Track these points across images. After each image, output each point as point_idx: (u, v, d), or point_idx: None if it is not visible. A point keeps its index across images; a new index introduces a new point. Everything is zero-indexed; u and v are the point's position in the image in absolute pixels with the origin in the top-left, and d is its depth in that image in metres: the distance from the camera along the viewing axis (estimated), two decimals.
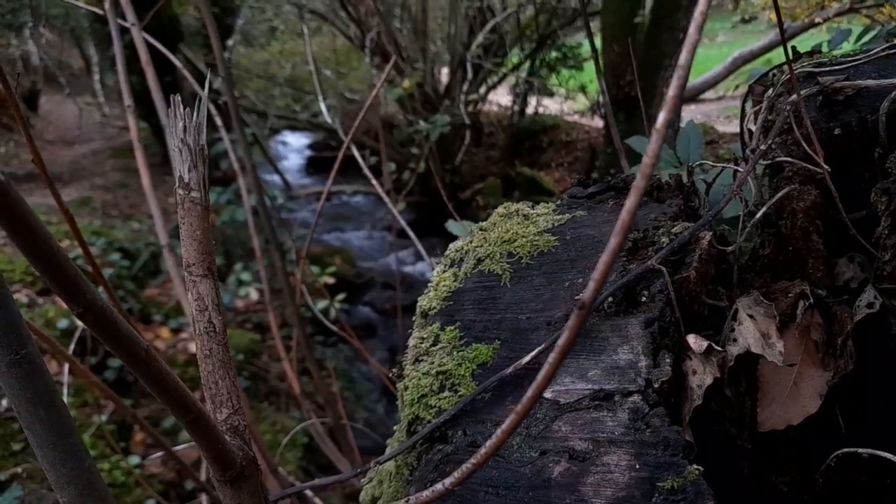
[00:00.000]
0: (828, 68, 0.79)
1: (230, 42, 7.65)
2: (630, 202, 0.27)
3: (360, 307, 6.67)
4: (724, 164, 0.76)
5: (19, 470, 2.57)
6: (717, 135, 8.10)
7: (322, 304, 4.42)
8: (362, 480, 0.71)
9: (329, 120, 2.62)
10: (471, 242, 0.77)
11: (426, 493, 0.42)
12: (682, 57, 0.26)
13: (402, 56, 7.55)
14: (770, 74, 0.87)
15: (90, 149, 9.00)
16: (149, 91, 1.40)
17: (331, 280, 5.11)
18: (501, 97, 10.73)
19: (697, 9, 0.26)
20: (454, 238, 1.62)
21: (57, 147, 8.99)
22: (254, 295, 4.69)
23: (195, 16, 8.62)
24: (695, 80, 10.22)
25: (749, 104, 0.93)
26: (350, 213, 9.27)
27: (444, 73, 9.36)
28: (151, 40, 1.26)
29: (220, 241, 5.49)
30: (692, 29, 0.26)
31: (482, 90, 9.62)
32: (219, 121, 1.64)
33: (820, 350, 0.74)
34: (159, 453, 1.07)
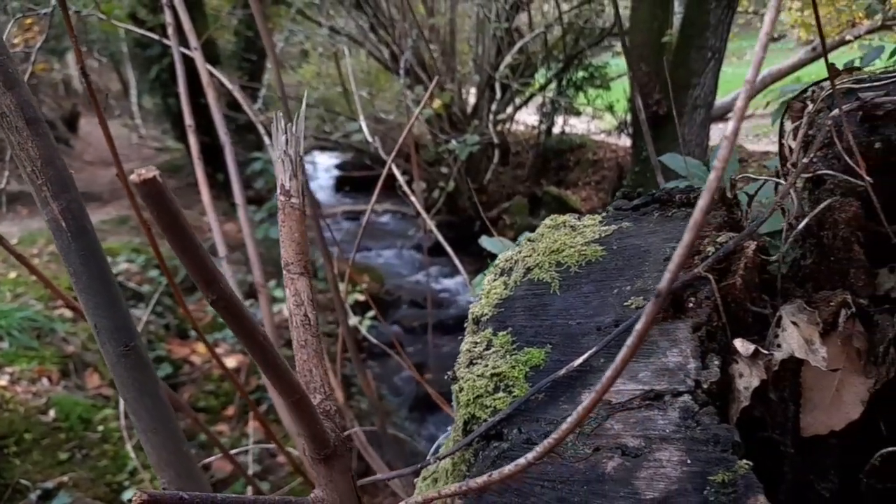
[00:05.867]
0: (868, 84, 0.82)
1: (267, 65, 7.85)
2: (703, 200, 0.30)
3: (388, 324, 6.72)
4: (767, 178, 0.78)
5: (66, 479, 2.64)
6: (746, 153, 8.03)
7: (353, 320, 4.47)
8: (415, 480, 0.74)
9: (371, 140, 2.70)
10: (520, 252, 0.81)
11: (482, 479, 0.45)
12: (750, 72, 0.30)
13: (431, 77, 7.66)
14: (809, 91, 0.90)
15: (128, 169, 9.24)
16: (183, 114, 1.46)
17: (361, 297, 5.17)
18: (528, 116, 10.79)
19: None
20: (484, 255, 1.65)
21: (96, 167, 9.28)
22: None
23: (230, 39, 8.88)
24: (723, 98, 10.16)
25: (788, 120, 0.96)
26: (378, 232, 9.37)
27: (472, 94, 9.46)
28: (211, 69, 1.34)
29: None
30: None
31: (510, 110, 9.70)
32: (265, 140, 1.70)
33: (862, 358, 0.76)
34: (218, 455, 1.12)
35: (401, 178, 1.68)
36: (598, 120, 10.58)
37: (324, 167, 11.91)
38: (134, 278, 4.56)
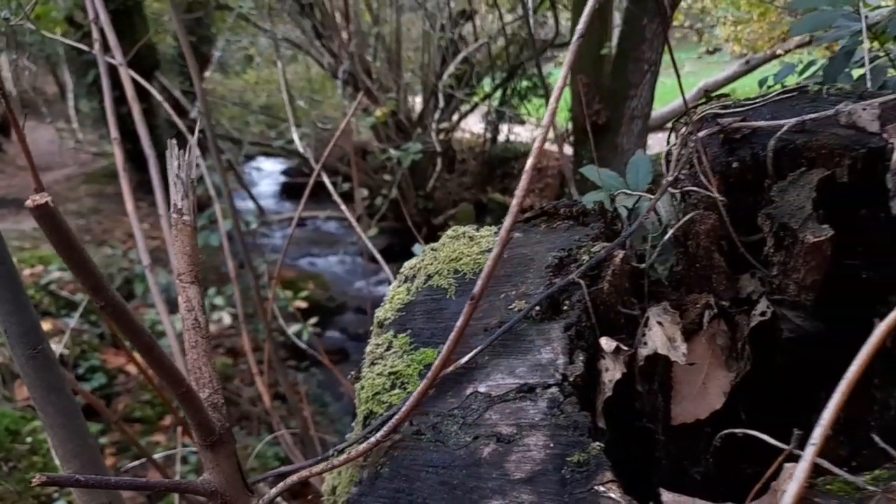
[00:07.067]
0: (731, 110, 0.92)
1: (206, 73, 7.74)
2: (507, 221, 0.37)
3: (332, 332, 6.71)
4: (641, 194, 0.87)
5: None
6: None
7: (295, 327, 4.47)
8: (325, 475, 0.79)
9: (301, 149, 2.72)
10: (423, 261, 0.88)
11: (343, 457, 0.52)
12: (545, 119, 0.37)
13: (376, 86, 7.71)
14: (688, 114, 1.00)
15: (63, 175, 8.96)
16: (123, 118, 1.48)
17: (303, 305, 5.16)
18: (474, 125, 10.94)
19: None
20: None
21: (30, 172, 8.91)
22: (226, 319, 4.73)
23: (171, 44, 8.71)
24: (662, 108, 10.54)
25: (673, 139, 1.06)
26: (324, 239, 9.33)
27: (419, 101, 9.55)
28: (136, 76, 1.36)
29: None
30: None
31: (455, 118, 9.83)
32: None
33: (724, 353, 0.86)
34: (142, 459, 1.14)
35: (331, 188, 1.73)
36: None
37: (268, 173, 11.77)
38: (66, 287, 4.44)
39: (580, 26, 0.43)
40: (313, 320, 4.76)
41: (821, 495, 0.55)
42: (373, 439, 0.51)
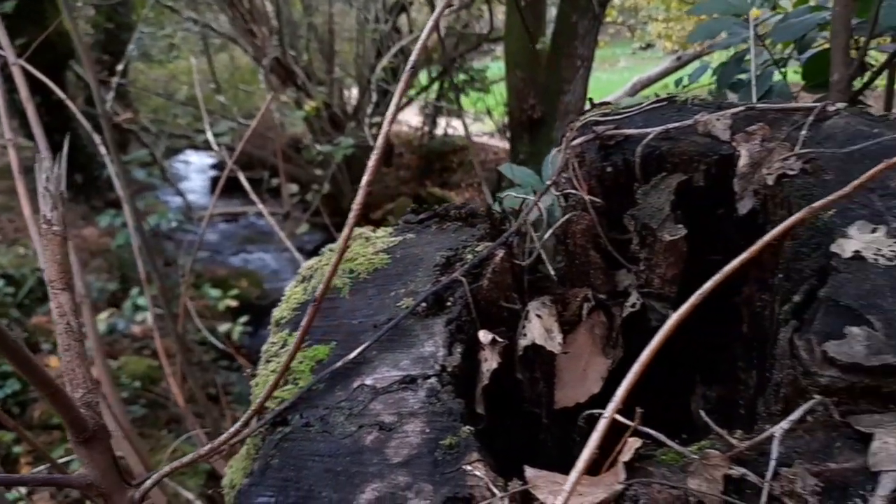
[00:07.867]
0: (608, 118, 0.99)
1: (122, 63, 7.42)
2: (345, 232, 0.42)
3: (265, 330, 6.62)
4: (526, 196, 0.94)
5: None
6: None
7: (224, 327, 4.41)
8: (225, 469, 0.83)
9: (214, 145, 2.69)
10: (320, 261, 0.91)
11: (207, 447, 0.56)
12: (381, 130, 0.42)
13: (308, 77, 7.63)
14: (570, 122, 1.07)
15: None
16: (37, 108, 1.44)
17: (234, 303, 5.08)
18: (412, 118, 10.95)
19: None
20: None
21: None
22: (151, 320, 4.60)
23: (87, 31, 8.33)
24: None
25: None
26: (257, 235, 9.15)
27: (355, 94, 9.48)
28: (37, 73, 1.33)
29: (116, 266, 5.34)
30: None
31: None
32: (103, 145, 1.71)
33: (602, 342, 0.93)
34: (47, 464, 1.13)
35: (246, 184, 1.74)
36: (480, 122, 10.88)
37: (199, 167, 11.43)
38: None
39: (413, 57, 0.48)
40: (243, 319, 4.70)
41: (655, 464, 0.62)
42: (232, 429, 0.55)
